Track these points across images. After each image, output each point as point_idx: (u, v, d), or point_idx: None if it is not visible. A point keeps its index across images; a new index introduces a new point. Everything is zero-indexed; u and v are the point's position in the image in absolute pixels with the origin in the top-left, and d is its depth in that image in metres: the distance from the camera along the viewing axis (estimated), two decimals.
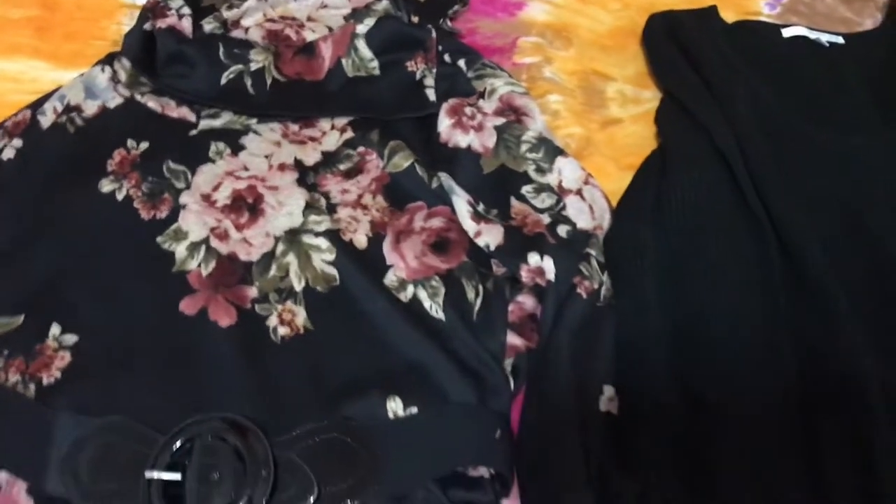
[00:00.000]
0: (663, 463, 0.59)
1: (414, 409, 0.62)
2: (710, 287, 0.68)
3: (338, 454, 0.59)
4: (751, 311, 0.66)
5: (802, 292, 0.66)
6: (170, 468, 0.57)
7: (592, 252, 0.71)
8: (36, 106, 0.80)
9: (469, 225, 0.71)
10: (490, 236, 0.71)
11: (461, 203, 0.72)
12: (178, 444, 0.58)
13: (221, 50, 0.84)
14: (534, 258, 0.69)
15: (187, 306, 0.66)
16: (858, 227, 0.73)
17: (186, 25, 0.86)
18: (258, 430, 0.59)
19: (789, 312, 0.65)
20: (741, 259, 0.69)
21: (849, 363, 0.62)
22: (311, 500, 0.57)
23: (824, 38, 0.89)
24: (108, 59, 0.84)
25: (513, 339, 0.67)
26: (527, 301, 0.69)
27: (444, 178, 0.74)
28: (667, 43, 0.86)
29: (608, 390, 0.64)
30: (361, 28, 0.84)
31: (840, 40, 0.90)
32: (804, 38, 0.89)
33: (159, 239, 0.70)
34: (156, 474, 0.57)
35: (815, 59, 0.87)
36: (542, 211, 0.74)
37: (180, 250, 0.69)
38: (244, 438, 0.59)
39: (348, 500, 0.57)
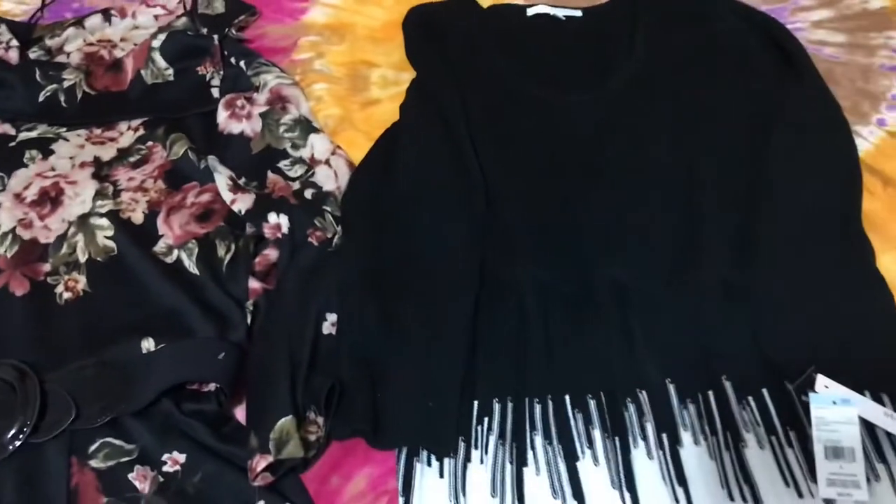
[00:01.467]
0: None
1: (163, 346, 0.76)
2: (426, 222, 0.82)
3: (93, 383, 0.73)
4: (454, 236, 0.80)
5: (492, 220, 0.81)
6: None
7: (328, 209, 0.85)
8: None
9: (227, 195, 0.86)
10: (243, 203, 0.85)
11: (221, 178, 0.87)
12: None
13: (38, 73, 0.99)
14: (273, 217, 0.83)
15: None
16: (560, 166, 0.87)
17: (13, 55, 1.01)
18: (30, 371, 0.73)
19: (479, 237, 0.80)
20: (452, 201, 0.83)
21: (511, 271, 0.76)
22: (70, 419, 0.71)
23: (562, 13, 1.03)
24: None
25: (254, 284, 0.81)
26: (271, 253, 0.83)
27: (211, 160, 0.89)
28: (419, 31, 1.00)
29: (331, 317, 0.78)
30: (156, 42, 0.99)
31: (578, 13, 1.04)
32: (546, 14, 1.03)
33: None
34: None
35: (551, 31, 1.02)
36: (293, 179, 0.88)
37: None
38: (21, 378, 0.73)
39: (100, 418, 0.71)
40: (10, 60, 1.01)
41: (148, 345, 0.77)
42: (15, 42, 1.02)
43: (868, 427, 0.69)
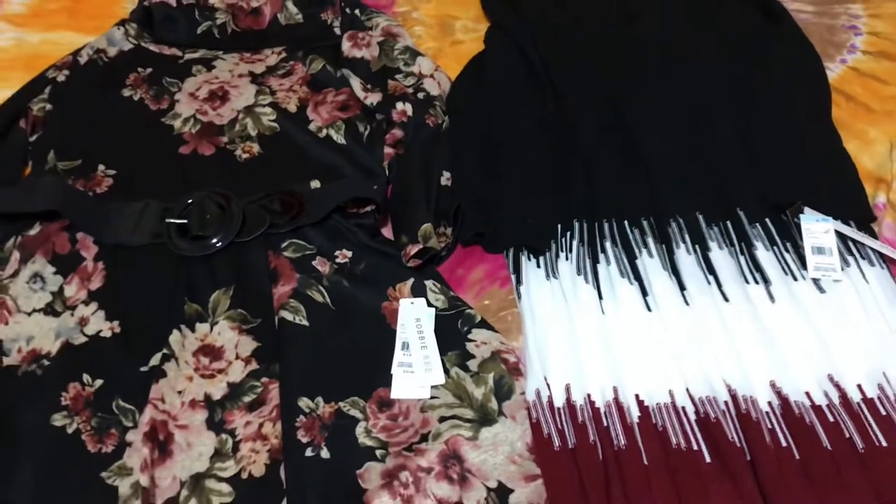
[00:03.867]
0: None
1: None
2: (509, 113, 1.11)
3: (280, 204, 1.00)
4: (529, 118, 1.09)
5: (560, 115, 1.10)
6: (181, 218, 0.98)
7: (438, 103, 1.14)
8: (76, 53, 1.23)
9: (360, 93, 1.14)
10: (374, 97, 1.14)
11: (355, 81, 1.16)
12: (185, 204, 0.99)
13: (196, 13, 1.27)
14: (399, 105, 1.12)
15: (184, 149, 1.08)
16: (605, 74, 1.16)
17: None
18: (233, 195, 1.00)
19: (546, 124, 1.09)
20: (527, 100, 1.13)
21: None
22: (264, 227, 0.98)
23: None
24: (122, 23, 1.27)
25: (388, 150, 1.09)
26: (397, 132, 1.11)
27: (345, 71, 1.18)
28: None
29: (446, 174, 1.06)
30: None
31: None
32: None
33: (163, 119, 1.12)
34: (174, 221, 0.98)
35: None
36: (408, 86, 1.17)
37: (177, 124, 1.11)
38: (227, 201, 1.00)
39: (287, 227, 0.98)
40: (171, 2, 1.29)
41: (315, 184, 1.04)
42: None
43: (840, 237, 0.98)
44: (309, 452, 0.80)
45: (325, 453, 0.80)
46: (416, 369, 0.87)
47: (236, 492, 0.78)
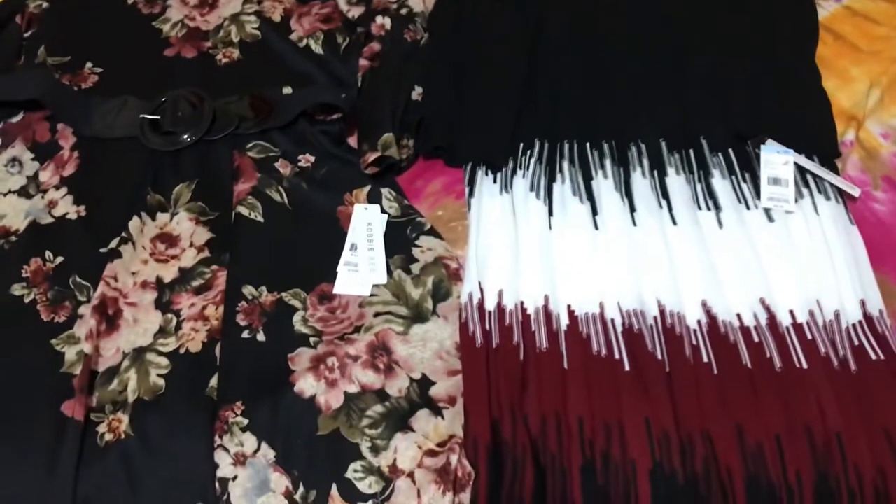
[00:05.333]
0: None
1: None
2: (487, 33, 1.12)
3: (251, 106, 1.03)
4: (506, 40, 1.10)
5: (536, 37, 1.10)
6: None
7: (419, 19, 1.15)
8: None
9: (344, 7, 1.16)
10: (356, 10, 1.16)
11: None
12: (160, 101, 1.02)
13: None
14: (379, 18, 1.13)
15: (169, 52, 1.11)
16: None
17: None
18: (207, 96, 1.03)
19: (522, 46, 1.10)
20: (507, 22, 1.13)
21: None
22: (233, 127, 1.01)
23: None
24: None
25: (363, 62, 1.11)
26: (375, 45, 1.13)
27: None
28: None
29: (418, 88, 1.08)
30: None
31: None
32: None
33: (153, 23, 1.16)
34: (147, 116, 1.02)
35: None
36: (392, 1, 1.19)
37: (165, 28, 1.15)
38: (200, 100, 1.03)
39: (254, 129, 1.01)
40: None
41: (287, 90, 1.06)
42: None
43: (800, 169, 0.98)
44: (245, 335, 0.84)
45: (260, 336, 0.84)
46: (361, 269, 0.91)
47: (173, 365, 0.82)
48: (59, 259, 0.90)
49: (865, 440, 0.76)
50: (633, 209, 0.95)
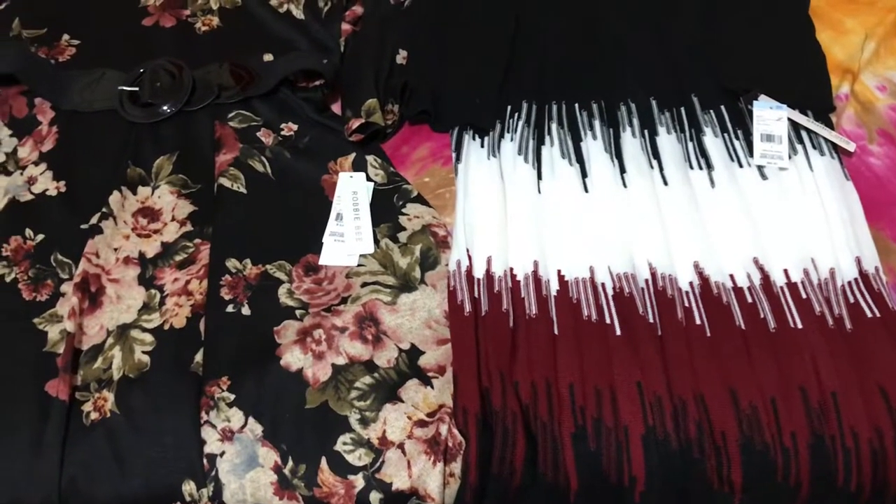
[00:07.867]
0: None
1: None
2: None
3: (231, 75, 1.01)
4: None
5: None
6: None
7: None
8: None
9: None
10: None
11: None
12: (138, 73, 1.00)
13: None
14: None
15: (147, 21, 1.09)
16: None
17: None
18: (185, 66, 1.01)
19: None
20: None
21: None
22: (213, 97, 0.99)
23: None
24: None
25: (345, 27, 1.08)
26: (357, 8, 1.10)
27: None
28: None
29: (402, 52, 1.05)
30: None
31: None
32: None
33: None
34: (126, 88, 1.00)
35: None
36: None
37: None
38: (179, 70, 1.01)
39: (235, 97, 0.99)
40: None
41: (268, 57, 1.04)
42: None
43: (794, 125, 0.96)
44: (230, 308, 0.83)
45: (245, 310, 0.83)
46: (347, 238, 0.89)
47: (157, 341, 0.81)
48: (40, 236, 0.89)
49: (861, 399, 0.74)
50: (623, 170, 0.93)
